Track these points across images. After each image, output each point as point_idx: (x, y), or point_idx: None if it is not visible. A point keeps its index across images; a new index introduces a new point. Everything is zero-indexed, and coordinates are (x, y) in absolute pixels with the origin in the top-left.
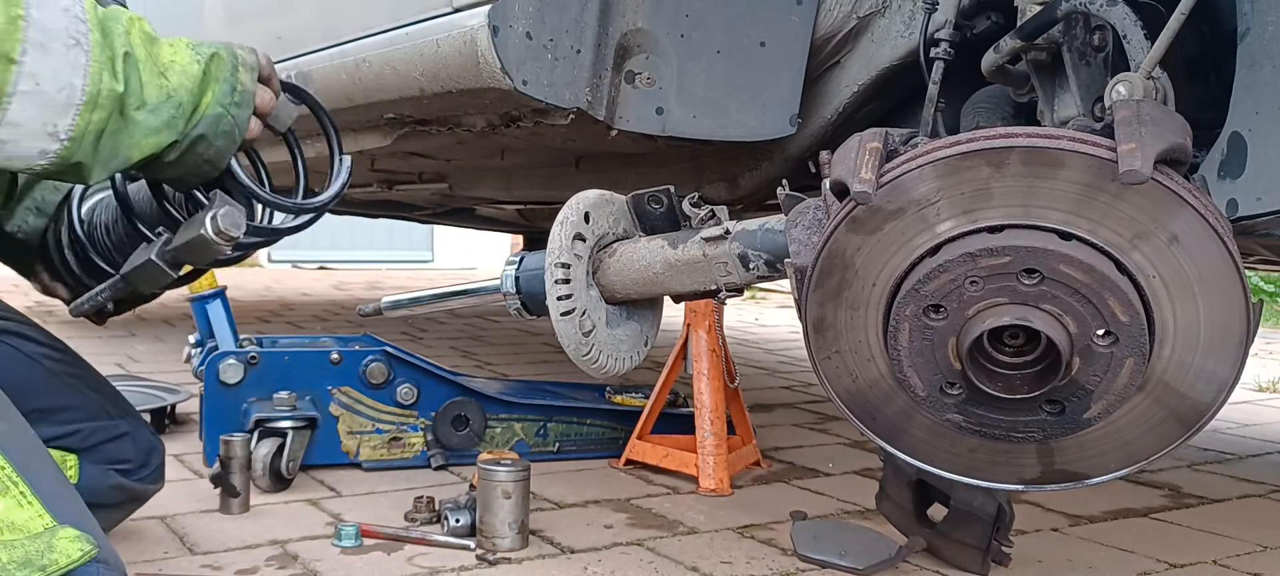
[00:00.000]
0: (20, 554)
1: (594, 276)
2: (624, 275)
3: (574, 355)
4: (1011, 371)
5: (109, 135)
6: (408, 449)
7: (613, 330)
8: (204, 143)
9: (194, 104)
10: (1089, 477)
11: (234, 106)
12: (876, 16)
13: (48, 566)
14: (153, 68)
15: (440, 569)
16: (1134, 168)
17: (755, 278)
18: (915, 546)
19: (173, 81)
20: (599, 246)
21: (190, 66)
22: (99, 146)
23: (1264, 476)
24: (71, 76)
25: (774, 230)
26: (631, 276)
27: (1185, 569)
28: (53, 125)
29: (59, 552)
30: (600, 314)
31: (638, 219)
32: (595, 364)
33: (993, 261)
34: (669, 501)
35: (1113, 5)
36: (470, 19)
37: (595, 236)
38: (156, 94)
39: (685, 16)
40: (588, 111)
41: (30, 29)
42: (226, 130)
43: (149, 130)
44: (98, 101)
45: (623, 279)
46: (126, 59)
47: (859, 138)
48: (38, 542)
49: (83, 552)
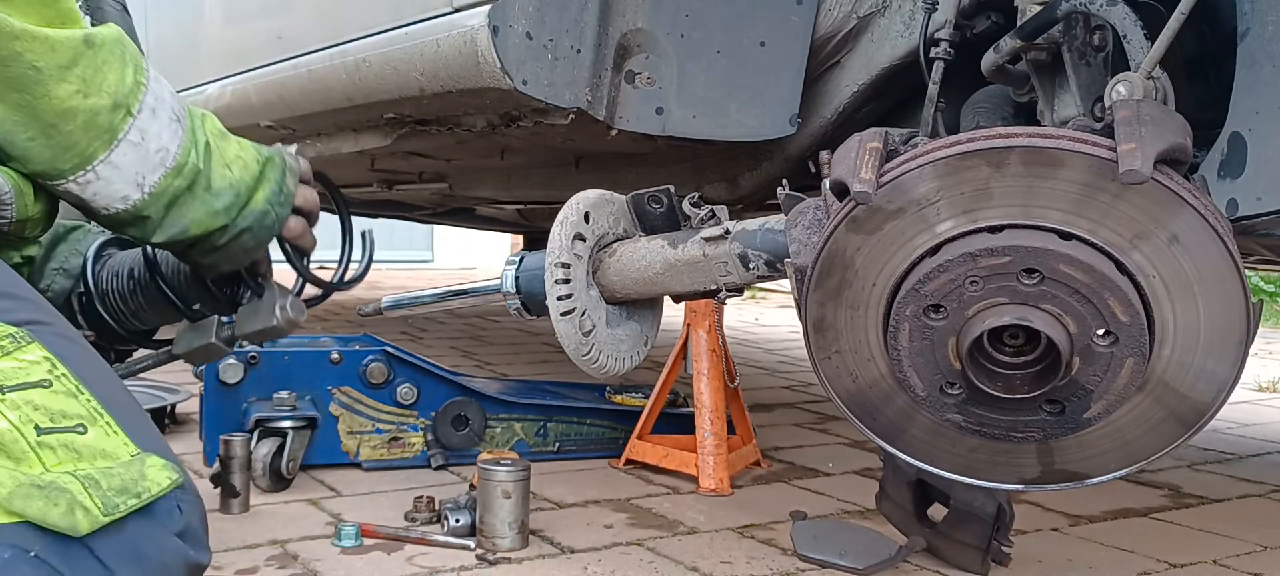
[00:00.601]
0: (117, 481)
1: (594, 276)
2: (624, 275)
3: (574, 355)
4: (1011, 371)
5: (179, 204)
6: (408, 449)
7: (613, 330)
8: (248, 234)
9: (247, 198)
10: (1089, 477)
11: (279, 205)
12: (876, 16)
13: (142, 493)
14: (221, 159)
15: (440, 568)
16: (1134, 167)
17: (755, 278)
18: (915, 546)
19: (235, 174)
20: (599, 246)
21: (251, 165)
22: (169, 211)
23: (1264, 476)
24: (169, 142)
25: (774, 230)
26: (631, 276)
27: (1185, 569)
28: (142, 177)
29: (150, 480)
30: (600, 314)
31: (638, 219)
32: (595, 364)
33: (993, 261)
34: (669, 501)
35: (1113, 5)
36: (470, 19)
37: (595, 236)
38: (221, 181)
39: (685, 16)
40: (588, 111)
41: (148, 94)
42: (269, 225)
43: (210, 211)
44: (182, 170)
45: (623, 279)
46: (206, 148)
47: (859, 137)
48: (130, 469)
49: (170, 480)
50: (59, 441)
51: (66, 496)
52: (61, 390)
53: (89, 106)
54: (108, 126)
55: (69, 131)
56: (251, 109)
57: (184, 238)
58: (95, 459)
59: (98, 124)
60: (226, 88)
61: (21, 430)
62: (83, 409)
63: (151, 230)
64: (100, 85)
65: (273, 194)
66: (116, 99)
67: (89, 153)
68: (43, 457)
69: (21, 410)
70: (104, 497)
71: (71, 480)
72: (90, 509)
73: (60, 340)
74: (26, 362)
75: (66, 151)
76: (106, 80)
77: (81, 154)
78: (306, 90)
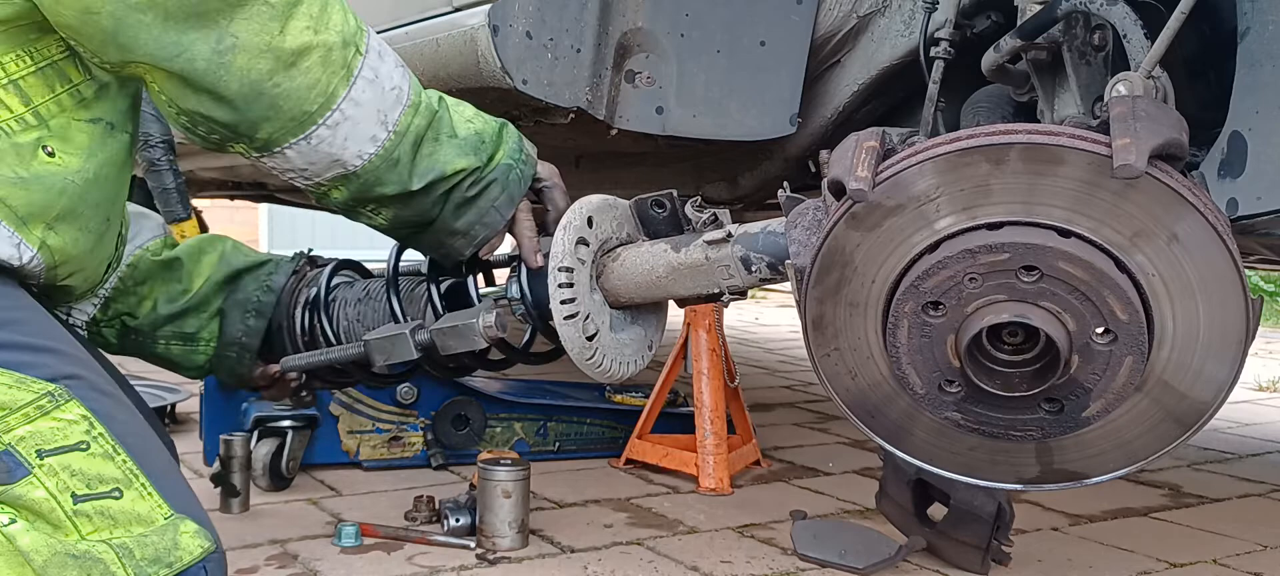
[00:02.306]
0: (150, 550)
1: (598, 281)
2: (627, 279)
3: (578, 359)
4: (1010, 369)
5: (427, 142)
6: (408, 448)
7: (617, 334)
8: (496, 186)
9: (493, 148)
10: (1088, 477)
11: (522, 163)
12: (876, 16)
13: (174, 563)
14: (459, 113)
15: (440, 568)
16: (1128, 162)
17: (758, 280)
18: (915, 545)
19: (477, 125)
20: (603, 251)
21: (490, 122)
22: (418, 151)
23: (1264, 476)
24: (400, 81)
25: (776, 232)
26: (635, 280)
27: (1185, 568)
28: (385, 115)
29: (183, 549)
30: (604, 318)
31: (641, 223)
32: (599, 367)
33: (992, 258)
34: (669, 500)
35: (1113, 4)
36: (470, 18)
37: (599, 241)
38: (464, 128)
39: (685, 16)
40: (588, 111)
41: (370, 37)
42: (515, 180)
43: (459, 151)
44: (418, 108)
45: (626, 283)
46: (440, 100)
47: (856, 137)
48: (164, 537)
49: (203, 549)
50: (95, 508)
51: (101, 566)
52: (98, 452)
53: (322, 42)
54: (342, 62)
55: (308, 67)
56: None
57: (441, 177)
58: (131, 525)
59: (333, 60)
60: None
61: (59, 498)
62: (119, 471)
63: (409, 176)
64: (328, 22)
65: (515, 150)
66: (345, 36)
67: (331, 89)
68: (79, 526)
69: (59, 477)
70: (137, 567)
71: (106, 549)
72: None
73: (97, 396)
74: (65, 422)
75: (310, 90)
76: (332, 18)
77: (325, 91)
78: None
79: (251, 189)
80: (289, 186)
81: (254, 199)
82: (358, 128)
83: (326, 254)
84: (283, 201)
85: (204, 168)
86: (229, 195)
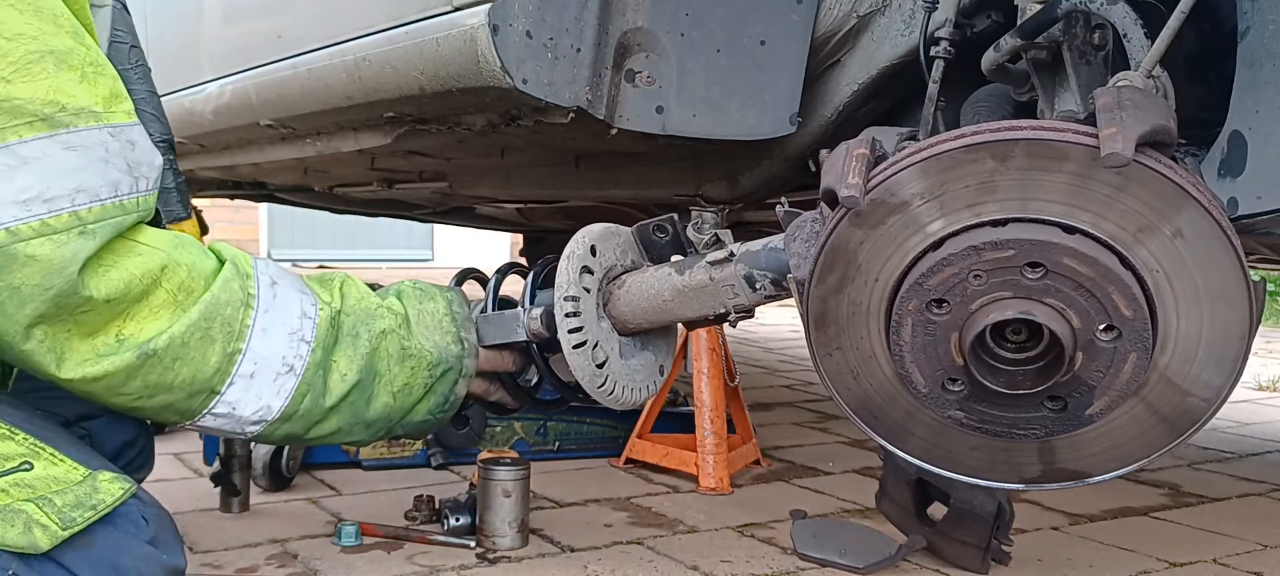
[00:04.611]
0: (71, 498)
1: (605, 308)
2: (634, 305)
3: (589, 387)
4: (1014, 366)
5: (290, 432)
6: (408, 447)
7: (627, 361)
8: (404, 432)
9: (403, 415)
10: (1089, 476)
11: (441, 413)
12: (876, 15)
13: (97, 505)
14: (385, 388)
15: (440, 567)
16: (1115, 150)
17: (763, 298)
18: (915, 545)
19: (396, 403)
20: (609, 278)
21: (417, 388)
22: (284, 434)
23: (1264, 475)
24: (271, 400)
25: (777, 248)
26: (641, 306)
27: (1185, 567)
28: (243, 431)
29: (103, 492)
30: (613, 345)
31: (644, 249)
32: (611, 395)
33: (996, 255)
34: (669, 500)
35: (1113, 4)
36: (470, 18)
37: (603, 268)
38: (376, 411)
39: (685, 15)
40: (588, 110)
41: (244, 362)
42: (428, 429)
43: (343, 434)
44: (291, 417)
45: (633, 309)
46: (356, 387)
47: (846, 145)
48: (83, 487)
49: (123, 490)
50: (9, 482)
51: (21, 516)
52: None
53: (156, 405)
54: (186, 410)
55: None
56: (251, 108)
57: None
58: (48, 486)
59: (175, 408)
60: (226, 87)
61: None
62: (21, 448)
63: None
64: (170, 384)
65: (436, 406)
66: (193, 388)
67: (191, 407)
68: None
69: None
70: (60, 513)
71: (26, 503)
72: (47, 525)
73: None
74: None
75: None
76: (178, 377)
77: (182, 411)
78: (306, 89)
79: (252, 189)
80: (291, 187)
81: (254, 199)
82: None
83: (327, 254)
84: (283, 201)
85: (204, 167)
86: (229, 195)
